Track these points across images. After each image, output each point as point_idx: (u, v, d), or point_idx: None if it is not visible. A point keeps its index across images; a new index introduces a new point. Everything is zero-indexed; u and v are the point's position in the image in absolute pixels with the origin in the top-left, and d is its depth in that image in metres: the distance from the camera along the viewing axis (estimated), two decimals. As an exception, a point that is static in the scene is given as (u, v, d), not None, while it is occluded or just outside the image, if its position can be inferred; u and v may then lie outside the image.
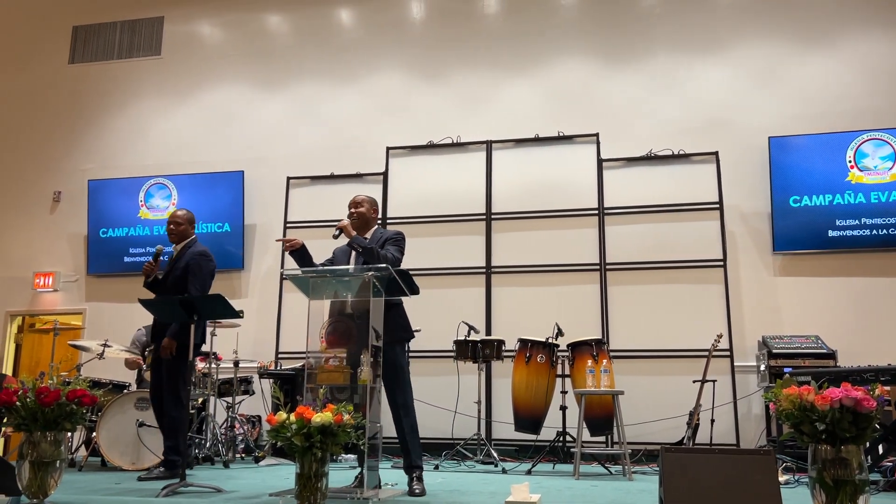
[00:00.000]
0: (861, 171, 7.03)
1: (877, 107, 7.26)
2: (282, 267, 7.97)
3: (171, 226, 5.10)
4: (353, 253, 4.16)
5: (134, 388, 6.27)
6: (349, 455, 5.79)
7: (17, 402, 3.16)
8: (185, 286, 4.90)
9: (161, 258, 5.03)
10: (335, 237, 4.13)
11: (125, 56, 9.39)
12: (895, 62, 7.36)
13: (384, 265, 3.78)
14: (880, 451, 4.61)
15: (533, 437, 6.08)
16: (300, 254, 4.15)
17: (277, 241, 4.83)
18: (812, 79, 7.51)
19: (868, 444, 2.70)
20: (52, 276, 8.79)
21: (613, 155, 7.59)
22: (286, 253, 4.21)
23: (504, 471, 5.42)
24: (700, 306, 7.03)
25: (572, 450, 5.34)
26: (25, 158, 9.33)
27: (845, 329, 6.80)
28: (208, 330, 6.34)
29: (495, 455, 5.91)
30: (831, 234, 7.00)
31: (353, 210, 4.24)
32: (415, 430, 3.99)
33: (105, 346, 6.03)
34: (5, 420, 3.19)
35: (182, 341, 4.66)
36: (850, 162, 7.06)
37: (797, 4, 7.70)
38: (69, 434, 3.44)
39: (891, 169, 6.96)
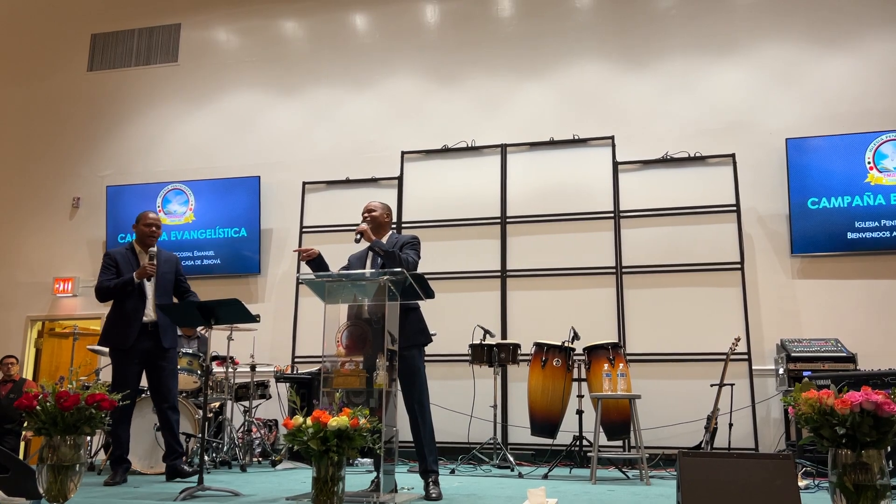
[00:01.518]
0: (880, 172, 6.96)
1: (896, 107, 7.19)
2: (298, 271, 8.00)
3: (156, 229, 5.15)
4: (369, 259, 4.20)
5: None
6: (365, 459, 5.80)
7: (38, 407, 3.19)
8: (175, 286, 5.15)
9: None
10: (357, 241, 4.16)
11: (143, 63, 9.48)
12: (914, 62, 7.29)
13: (399, 269, 3.79)
14: (902, 455, 4.55)
15: (549, 441, 6.07)
16: (317, 262, 4.19)
17: (295, 251, 4.88)
18: (829, 79, 7.44)
19: (889, 449, 2.66)
20: (72, 281, 8.88)
21: (629, 158, 7.56)
22: (303, 262, 4.26)
23: (520, 475, 5.41)
24: (717, 309, 6.98)
25: (589, 454, 5.32)
26: (45, 165, 9.44)
27: (865, 332, 6.72)
28: (224, 335, 6.39)
29: (511, 459, 5.90)
30: (850, 236, 6.92)
31: (366, 214, 4.26)
32: (431, 435, 4.00)
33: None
34: (26, 424, 3.22)
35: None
36: (869, 163, 6.99)
37: (814, 5, 7.63)
38: (88, 438, 3.47)
39: (911, 170, 6.89)
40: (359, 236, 4.12)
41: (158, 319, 4.94)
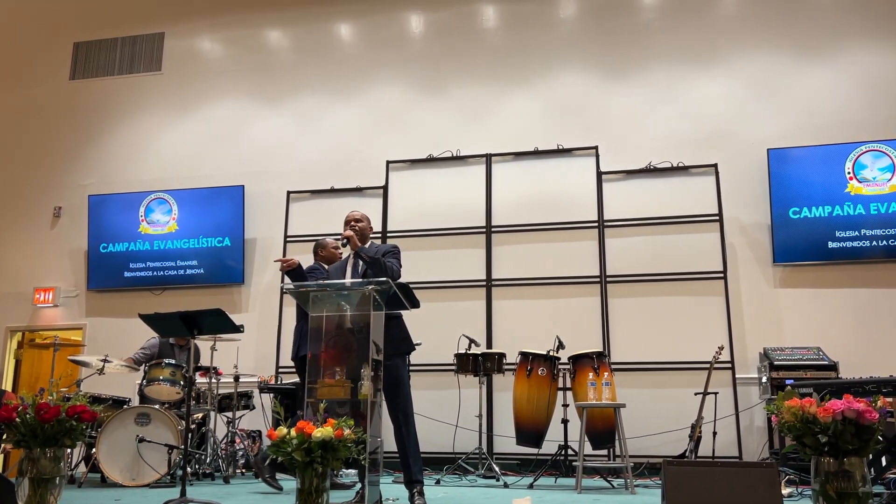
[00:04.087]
0: (860, 182, 7.04)
1: (875, 118, 7.28)
2: (282, 281, 7.96)
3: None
4: (349, 268, 4.21)
5: (134, 403, 6.26)
6: (350, 470, 5.76)
7: (17, 419, 3.15)
8: None
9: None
10: (343, 245, 4.17)
11: (126, 72, 9.42)
12: (894, 74, 7.38)
13: (384, 279, 3.79)
14: (883, 463, 4.59)
15: (535, 450, 6.06)
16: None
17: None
18: (811, 90, 7.53)
19: (871, 456, 2.68)
20: (53, 291, 8.78)
21: (613, 168, 7.60)
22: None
23: (506, 485, 5.39)
24: (701, 318, 7.02)
25: (574, 463, 5.32)
26: (26, 174, 9.34)
27: (847, 340, 6.78)
28: (208, 345, 6.33)
29: (497, 469, 5.88)
30: (831, 245, 7.00)
31: (355, 224, 4.27)
32: (416, 445, 3.98)
33: (105, 361, 6.02)
34: (5, 436, 3.18)
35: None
36: (849, 173, 7.07)
37: (796, 16, 7.73)
38: (69, 450, 3.43)
39: (890, 180, 6.97)
40: (345, 241, 4.13)
41: None
